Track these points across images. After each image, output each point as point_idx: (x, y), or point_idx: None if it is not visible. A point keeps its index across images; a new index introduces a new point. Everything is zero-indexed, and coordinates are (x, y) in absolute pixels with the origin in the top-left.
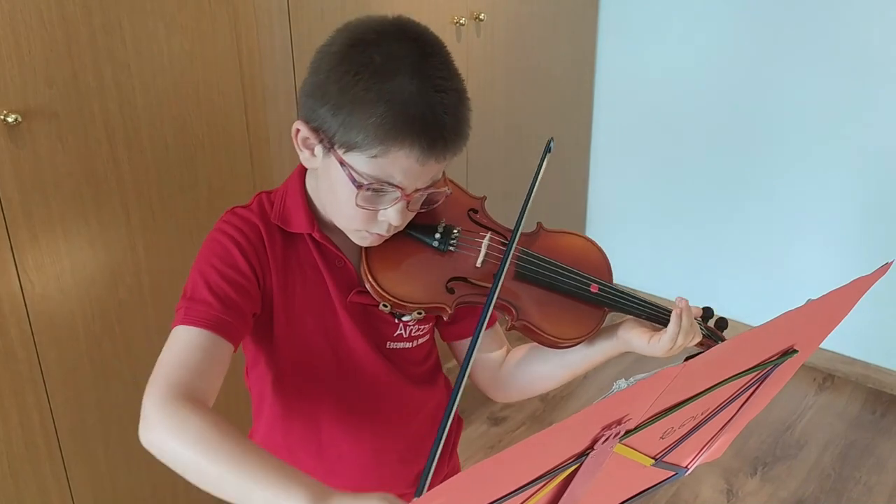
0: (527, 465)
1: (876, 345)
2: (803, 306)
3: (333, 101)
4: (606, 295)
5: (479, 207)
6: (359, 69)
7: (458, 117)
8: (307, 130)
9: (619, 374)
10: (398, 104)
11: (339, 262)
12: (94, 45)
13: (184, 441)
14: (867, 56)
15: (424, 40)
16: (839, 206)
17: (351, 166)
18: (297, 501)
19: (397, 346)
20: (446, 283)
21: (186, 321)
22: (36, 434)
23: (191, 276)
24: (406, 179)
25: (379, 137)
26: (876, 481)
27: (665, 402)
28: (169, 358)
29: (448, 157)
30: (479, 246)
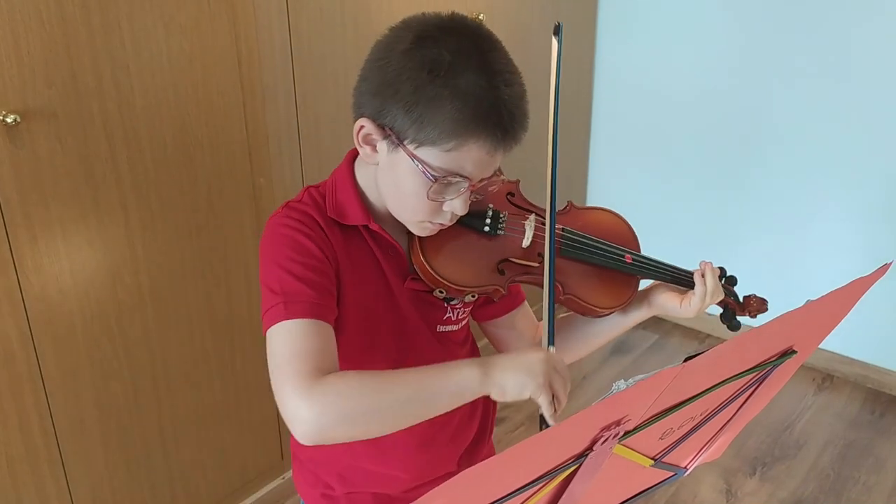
0: (526, 465)
1: (875, 345)
2: (802, 307)
3: (407, 98)
4: (639, 264)
5: (516, 190)
6: (432, 66)
7: (524, 109)
8: (372, 127)
9: (618, 375)
10: (472, 99)
11: (392, 251)
12: (94, 45)
13: (352, 400)
14: (867, 56)
15: (483, 35)
16: (838, 204)
17: (423, 160)
18: (473, 376)
19: (446, 330)
20: (497, 265)
21: (288, 315)
22: (35, 435)
23: (270, 273)
24: (476, 170)
25: (456, 132)
26: (875, 481)
27: (664, 403)
28: (286, 354)
29: (514, 147)
30: (523, 227)
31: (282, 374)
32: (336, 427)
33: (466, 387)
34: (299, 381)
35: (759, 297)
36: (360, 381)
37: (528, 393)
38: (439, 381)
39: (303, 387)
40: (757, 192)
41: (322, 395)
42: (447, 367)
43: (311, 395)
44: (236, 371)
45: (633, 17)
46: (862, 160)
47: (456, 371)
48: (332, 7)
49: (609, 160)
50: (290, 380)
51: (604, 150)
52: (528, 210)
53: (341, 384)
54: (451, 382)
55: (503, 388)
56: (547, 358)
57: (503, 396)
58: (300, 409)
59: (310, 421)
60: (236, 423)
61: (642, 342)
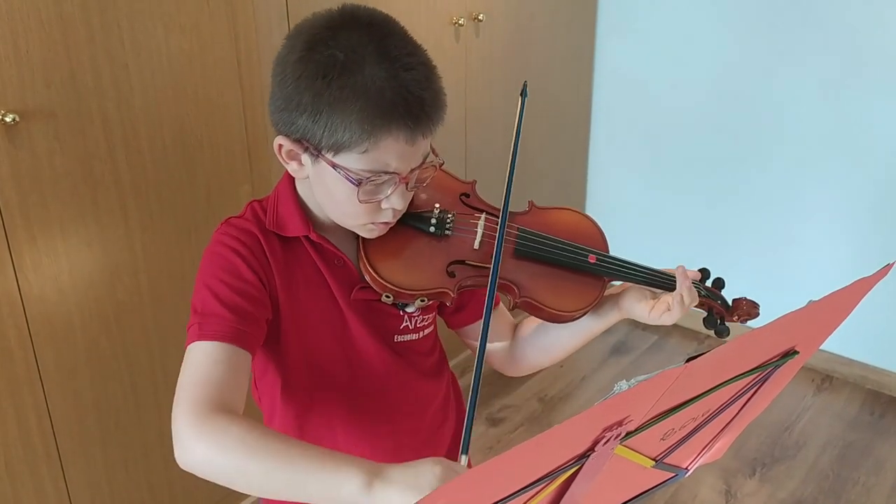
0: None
1: (874, 346)
2: (804, 307)
3: (310, 109)
4: (604, 264)
5: (471, 191)
6: (326, 70)
7: (434, 89)
8: (290, 143)
9: (617, 376)
10: (374, 94)
11: (338, 262)
12: (93, 45)
13: (225, 450)
14: (864, 59)
15: (377, 23)
16: (837, 205)
17: (344, 167)
18: (352, 482)
19: (405, 339)
20: (446, 267)
21: (202, 336)
22: (33, 435)
23: (197, 292)
24: (401, 163)
25: (366, 131)
26: (874, 482)
27: (666, 404)
28: (190, 377)
29: (433, 129)
30: (475, 227)
31: (180, 395)
32: (203, 467)
33: (342, 489)
34: (193, 408)
35: (751, 301)
36: (245, 434)
37: None
38: (316, 473)
39: (193, 417)
40: (756, 193)
41: (205, 432)
42: (334, 460)
43: (196, 425)
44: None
45: (632, 16)
46: (860, 164)
47: (338, 470)
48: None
49: (608, 160)
50: (184, 403)
51: (603, 149)
52: (481, 210)
53: (225, 430)
54: (327, 480)
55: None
56: (443, 473)
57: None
58: (183, 434)
59: (186, 450)
60: None
61: (642, 343)
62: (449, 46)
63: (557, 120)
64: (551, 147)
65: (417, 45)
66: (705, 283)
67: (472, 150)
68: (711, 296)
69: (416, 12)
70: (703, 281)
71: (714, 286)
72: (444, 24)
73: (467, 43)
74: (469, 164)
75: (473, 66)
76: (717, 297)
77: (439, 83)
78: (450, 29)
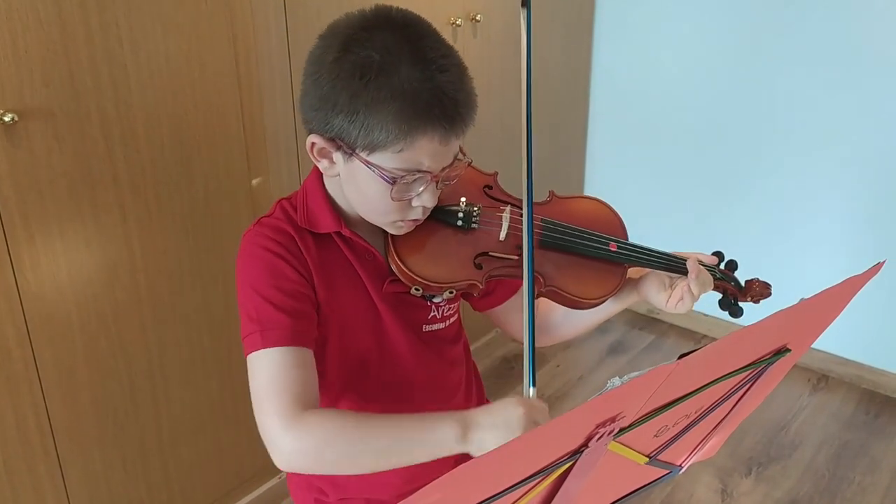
0: (522, 462)
1: (870, 346)
2: (796, 305)
3: (347, 109)
4: (625, 251)
5: (493, 183)
6: (363, 71)
7: (467, 90)
8: (323, 142)
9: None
10: (410, 95)
11: (368, 256)
12: (91, 44)
13: (328, 443)
14: (863, 55)
15: (412, 24)
16: (833, 203)
17: (378, 165)
18: (450, 435)
19: (432, 329)
20: (474, 259)
21: (266, 344)
22: (31, 434)
23: (247, 298)
24: (434, 162)
25: (403, 131)
26: (870, 482)
27: (659, 400)
28: (267, 386)
29: (466, 130)
30: (500, 220)
31: (265, 404)
32: (311, 464)
33: (444, 445)
34: (282, 414)
35: (763, 282)
36: (340, 424)
37: None
38: (416, 437)
39: (285, 420)
40: (753, 189)
41: (302, 433)
42: (427, 421)
43: (292, 430)
44: (233, 371)
45: (630, 15)
46: (857, 165)
47: (435, 427)
48: (329, 7)
49: (606, 159)
50: (273, 412)
51: (600, 149)
52: (505, 202)
53: (322, 425)
54: (428, 440)
55: (482, 447)
56: (526, 412)
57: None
58: (282, 440)
59: (289, 453)
60: (233, 422)
61: (639, 342)
62: None
63: (555, 120)
64: (549, 148)
65: (450, 46)
66: (719, 266)
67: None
68: (725, 278)
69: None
70: (718, 264)
71: (727, 268)
72: (442, 24)
73: (465, 43)
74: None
75: (471, 67)
76: (731, 280)
77: (471, 84)
78: (447, 29)
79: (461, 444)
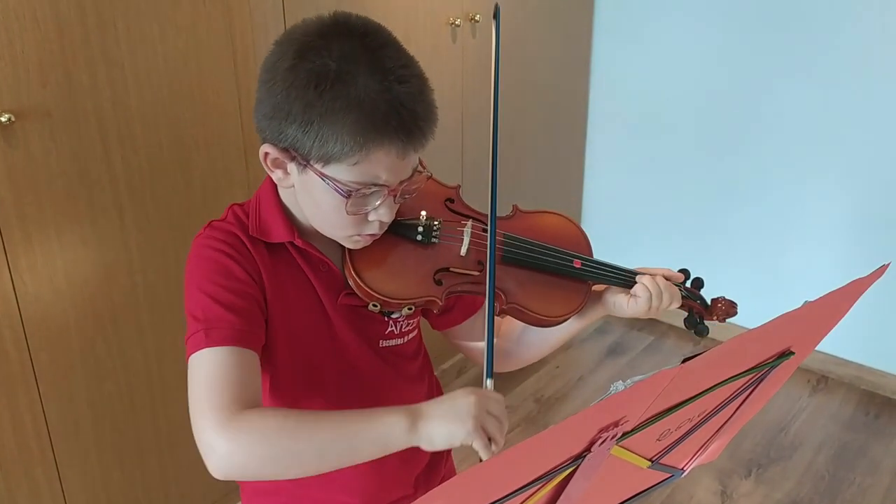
0: (524, 467)
1: (870, 347)
2: (800, 308)
3: (300, 119)
4: (589, 269)
5: (455, 196)
6: (318, 80)
7: (426, 102)
8: (277, 152)
9: (613, 376)
10: (367, 106)
11: (323, 267)
12: (88, 44)
13: (268, 440)
14: (860, 60)
15: (371, 32)
16: (833, 207)
17: (332, 178)
18: (398, 427)
19: (390, 344)
20: (433, 275)
21: (210, 343)
22: (28, 436)
23: (193, 298)
24: (391, 176)
25: (358, 143)
26: (870, 483)
27: (662, 404)
28: (206, 385)
29: (425, 143)
30: (461, 235)
31: (199, 404)
32: (249, 465)
33: (390, 438)
34: (217, 414)
35: (728, 301)
36: (280, 421)
37: (458, 441)
38: (362, 431)
39: (220, 420)
40: (753, 195)
41: (238, 432)
42: (374, 414)
43: (227, 430)
44: None
45: (629, 20)
46: (856, 163)
47: (381, 421)
48: (328, 6)
49: (605, 162)
50: (207, 412)
51: (600, 152)
52: (466, 216)
53: (259, 423)
54: (374, 432)
55: (431, 439)
56: (477, 401)
57: (432, 447)
58: (215, 442)
59: (224, 456)
60: None
61: (638, 343)
62: (445, 47)
63: (554, 122)
64: (548, 150)
65: (411, 56)
66: (685, 284)
67: (468, 150)
68: (691, 296)
69: (413, 13)
70: (684, 282)
71: (693, 286)
72: (441, 24)
73: (464, 43)
74: (465, 165)
75: (470, 67)
76: (696, 297)
77: (432, 96)
78: (446, 30)
79: (410, 437)
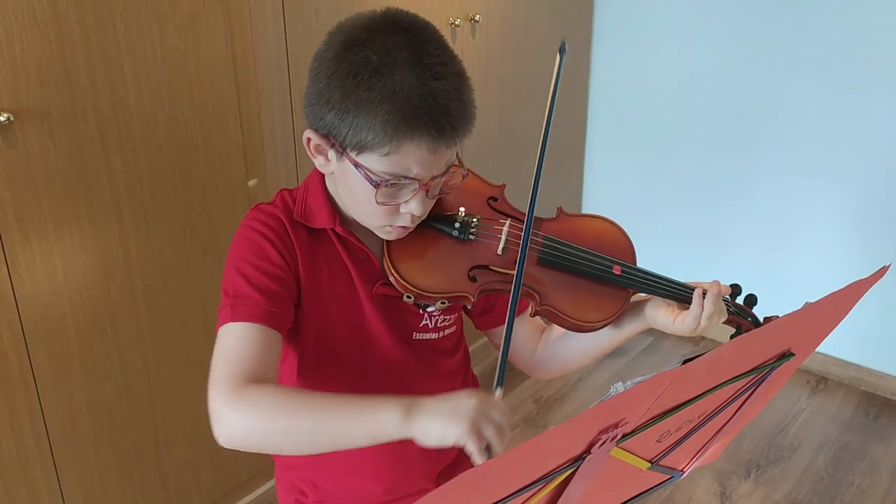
0: (524, 468)
1: (869, 348)
2: (801, 309)
3: (338, 107)
4: (630, 276)
5: (499, 195)
6: (357, 70)
7: (462, 100)
8: (318, 138)
9: (612, 377)
10: (401, 99)
11: (362, 256)
12: (87, 44)
13: (267, 415)
14: (859, 61)
15: (417, 29)
16: (834, 208)
17: (365, 167)
18: (392, 416)
19: (423, 337)
20: (468, 271)
21: (234, 318)
22: (27, 436)
23: (227, 275)
24: (422, 170)
25: (388, 135)
26: (869, 484)
27: (662, 406)
28: (223, 356)
29: (458, 140)
30: (499, 233)
31: (215, 374)
32: (247, 437)
33: (384, 428)
34: (227, 384)
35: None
36: (279, 398)
37: (450, 440)
38: (356, 418)
39: (228, 390)
40: (753, 196)
41: (242, 403)
42: (370, 401)
43: (232, 400)
44: None
45: (628, 22)
46: (856, 164)
47: (378, 408)
48: (327, 6)
49: (604, 163)
50: (219, 381)
51: (599, 155)
52: (507, 215)
53: (261, 397)
54: (367, 421)
55: (425, 433)
56: (478, 404)
57: (426, 442)
58: (222, 410)
59: (227, 424)
60: None
61: (637, 344)
62: None
63: (554, 123)
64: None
65: (453, 55)
66: (735, 300)
67: (467, 150)
68: (741, 313)
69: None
70: (734, 297)
71: (745, 303)
72: (441, 24)
73: (463, 43)
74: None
75: (470, 67)
76: (747, 315)
77: (470, 95)
78: (446, 29)
79: (403, 428)
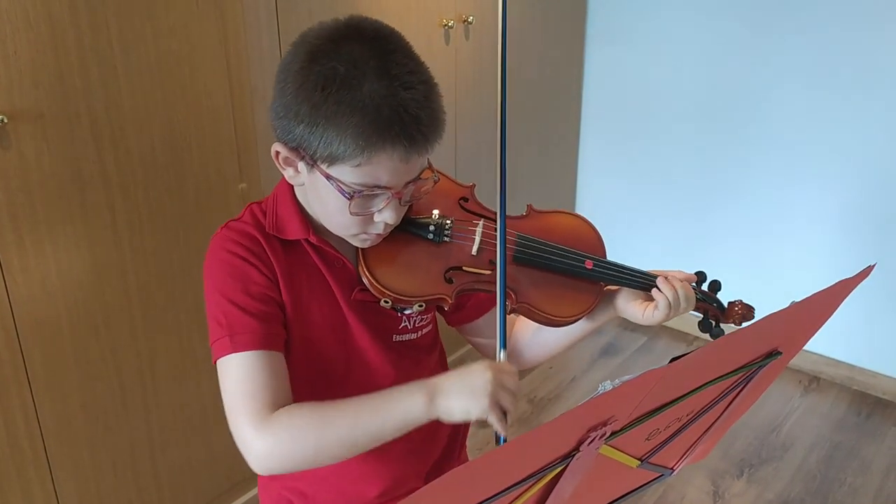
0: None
1: (861, 347)
2: (787, 308)
3: (307, 120)
4: (601, 270)
5: (469, 195)
6: (325, 83)
7: (432, 108)
8: (287, 150)
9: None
10: (371, 110)
11: (338, 263)
12: (81, 45)
13: (302, 435)
14: (847, 64)
15: (382, 37)
16: (822, 208)
17: (337, 179)
18: (418, 404)
19: (403, 339)
20: (444, 273)
21: (235, 349)
22: (21, 437)
23: (214, 303)
24: (394, 179)
25: (360, 146)
26: (861, 483)
27: (650, 404)
28: (237, 392)
29: (430, 148)
30: (473, 234)
31: (235, 411)
32: (286, 462)
33: (412, 414)
34: (251, 419)
35: (746, 304)
36: (308, 415)
37: (474, 416)
38: (387, 413)
39: (254, 424)
40: (744, 195)
41: (274, 432)
42: (393, 394)
43: (262, 433)
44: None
45: (621, 23)
46: (844, 165)
47: (402, 397)
48: (321, 7)
49: (598, 163)
50: (242, 417)
51: (592, 153)
52: (479, 215)
53: (290, 420)
54: (396, 411)
55: (450, 412)
56: (492, 377)
57: (451, 420)
58: (254, 443)
59: (264, 455)
60: (224, 424)
61: (631, 344)
62: (438, 48)
63: (547, 123)
64: (541, 151)
65: (420, 62)
66: (701, 287)
67: (461, 151)
68: (707, 299)
69: (406, 14)
70: (700, 284)
71: (710, 289)
72: (434, 25)
73: (457, 45)
74: (459, 165)
75: (463, 68)
76: (713, 301)
77: (439, 102)
78: (439, 31)
79: (428, 412)
